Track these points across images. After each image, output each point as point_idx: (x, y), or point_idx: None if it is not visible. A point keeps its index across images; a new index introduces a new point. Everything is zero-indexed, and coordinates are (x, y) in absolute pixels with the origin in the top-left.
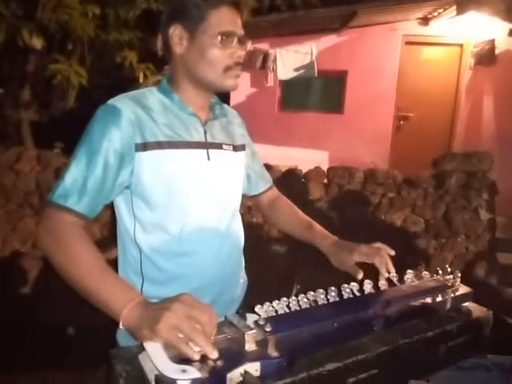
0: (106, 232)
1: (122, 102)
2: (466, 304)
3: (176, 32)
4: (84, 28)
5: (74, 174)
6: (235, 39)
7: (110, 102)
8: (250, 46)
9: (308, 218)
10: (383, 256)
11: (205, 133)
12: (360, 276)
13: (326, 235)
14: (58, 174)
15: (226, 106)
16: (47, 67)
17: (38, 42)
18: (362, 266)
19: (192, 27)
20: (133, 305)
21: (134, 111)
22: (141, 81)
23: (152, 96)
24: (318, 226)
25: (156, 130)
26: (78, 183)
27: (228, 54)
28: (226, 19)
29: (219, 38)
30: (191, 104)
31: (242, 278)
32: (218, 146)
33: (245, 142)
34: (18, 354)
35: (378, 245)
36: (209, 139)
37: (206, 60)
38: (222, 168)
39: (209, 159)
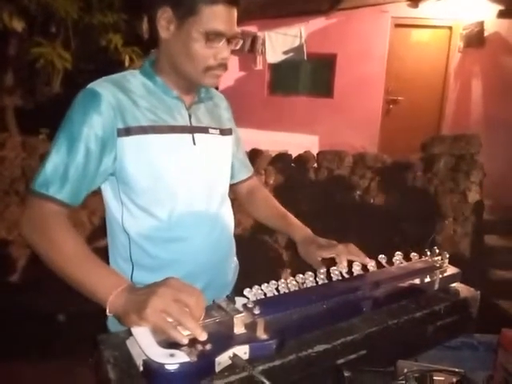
0: (95, 219)
1: (102, 86)
2: (454, 284)
3: (164, 15)
4: (67, 10)
5: (54, 161)
6: (223, 40)
7: (90, 86)
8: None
9: (283, 209)
10: (351, 251)
11: (189, 117)
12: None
13: (300, 226)
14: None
15: (211, 89)
16: (30, 51)
17: (18, 25)
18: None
19: (181, 16)
20: (119, 291)
21: (115, 95)
22: (126, 64)
23: (134, 79)
24: (292, 217)
25: (138, 114)
26: (59, 171)
27: (212, 53)
28: (218, 18)
29: (206, 36)
30: (175, 87)
31: (234, 263)
32: (204, 130)
33: (232, 126)
34: (9, 342)
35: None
36: (194, 123)
37: (187, 53)
38: (209, 152)
39: (194, 144)
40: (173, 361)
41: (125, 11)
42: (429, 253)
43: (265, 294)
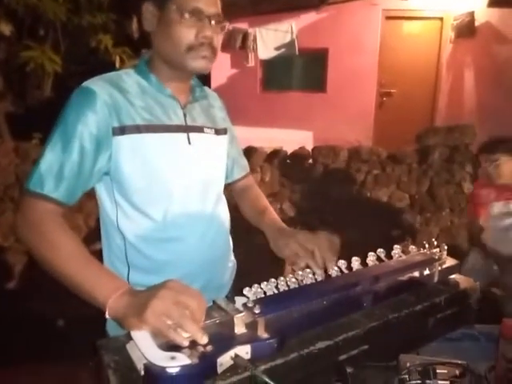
0: (91, 222)
1: (97, 85)
2: (453, 276)
3: (148, 9)
4: (55, 12)
5: (49, 159)
6: (203, 18)
7: (85, 84)
8: (228, 26)
9: (266, 205)
10: (321, 246)
11: (184, 116)
12: (297, 267)
13: (273, 222)
14: None
15: (206, 88)
16: (19, 55)
17: (6, 28)
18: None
19: (161, 4)
20: (119, 294)
21: (110, 94)
22: (117, 65)
23: (129, 78)
24: (270, 213)
25: (133, 113)
26: (54, 169)
27: (193, 32)
28: None
29: (185, 15)
30: (169, 86)
31: (231, 262)
32: (199, 130)
33: (226, 125)
34: (7, 349)
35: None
36: (189, 122)
37: (170, 38)
38: (204, 152)
39: (190, 143)
40: (174, 364)
41: (114, 11)
42: (427, 245)
43: (264, 293)
